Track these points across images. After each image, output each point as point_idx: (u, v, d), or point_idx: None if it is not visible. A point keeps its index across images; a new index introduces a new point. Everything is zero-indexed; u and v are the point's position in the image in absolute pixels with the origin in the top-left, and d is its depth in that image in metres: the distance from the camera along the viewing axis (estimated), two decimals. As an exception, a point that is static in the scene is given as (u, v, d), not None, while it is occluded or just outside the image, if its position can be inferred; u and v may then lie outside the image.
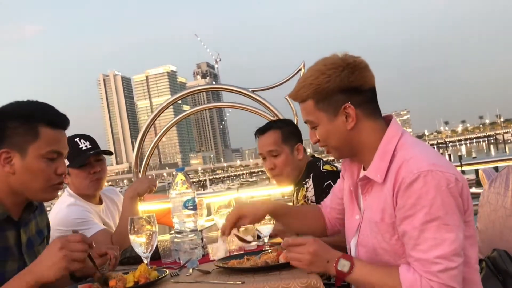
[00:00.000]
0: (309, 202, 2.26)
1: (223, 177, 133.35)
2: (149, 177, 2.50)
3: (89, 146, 2.39)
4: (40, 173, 1.58)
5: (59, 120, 1.65)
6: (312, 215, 1.86)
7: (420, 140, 1.63)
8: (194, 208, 1.94)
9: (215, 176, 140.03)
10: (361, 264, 1.43)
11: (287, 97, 3.43)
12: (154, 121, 3.60)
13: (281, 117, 3.34)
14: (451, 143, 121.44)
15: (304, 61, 3.42)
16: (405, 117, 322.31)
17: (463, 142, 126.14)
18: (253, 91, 3.52)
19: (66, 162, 2.34)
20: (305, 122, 1.58)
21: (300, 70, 3.42)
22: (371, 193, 1.51)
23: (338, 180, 1.84)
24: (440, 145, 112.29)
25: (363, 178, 1.52)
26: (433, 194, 1.32)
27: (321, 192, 2.19)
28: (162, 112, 3.55)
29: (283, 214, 1.78)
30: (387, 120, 1.54)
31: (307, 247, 1.43)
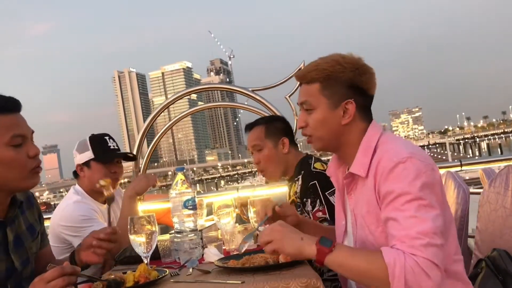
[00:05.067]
0: (297, 198, 2.30)
1: (244, 172, 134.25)
2: (152, 174, 2.56)
3: (116, 147, 2.54)
4: (13, 162, 1.51)
5: (9, 104, 1.55)
6: (332, 231, 1.80)
7: (400, 137, 1.67)
8: (194, 208, 1.94)
9: (237, 172, 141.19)
10: (342, 245, 1.43)
11: (287, 97, 3.45)
12: (153, 122, 3.61)
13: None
14: (478, 138, 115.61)
15: (304, 61, 3.42)
16: (417, 114, 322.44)
17: (490, 137, 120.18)
18: (253, 91, 3.52)
19: (87, 155, 2.43)
20: (301, 103, 1.59)
21: (300, 69, 3.41)
22: (356, 190, 1.55)
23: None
24: (466, 140, 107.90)
25: (347, 176, 1.56)
26: (413, 177, 1.35)
27: (306, 190, 2.23)
28: (159, 115, 3.57)
29: (304, 224, 1.76)
30: None
31: (276, 223, 1.49)
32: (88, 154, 2.45)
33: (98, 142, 2.48)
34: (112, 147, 2.51)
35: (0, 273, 1.53)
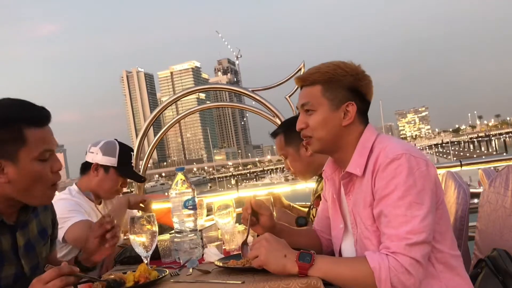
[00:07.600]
0: None
1: (255, 171, 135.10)
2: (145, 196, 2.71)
3: (133, 164, 2.68)
4: (38, 176, 1.48)
5: (42, 117, 1.52)
6: (305, 233, 1.88)
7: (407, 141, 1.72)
8: (194, 208, 1.95)
9: (249, 171, 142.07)
10: (321, 256, 1.46)
11: (287, 97, 3.45)
12: (156, 118, 3.63)
13: (281, 117, 3.35)
14: (493, 137, 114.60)
15: (304, 61, 3.43)
16: (423, 114, 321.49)
17: (506, 136, 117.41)
18: (253, 91, 3.53)
19: (110, 160, 2.49)
20: (302, 105, 1.62)
21: (300, 70, 3.43)
22: (354, 190, 1.58)
23: (321, 203, 1.90)
24: (480, 138, 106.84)
25: (344, 176, 1.59)
26: (406, 174, 1.41)
27: None
28: (161, 113, 3.58)
29: (280, 229, 1.76)
30: None
31: (263, 237, 1.49)
32: (112, 160, 2.50)
33: (125, 155, 2.56)
34: (133, 164, 2.62)
35: (9, 277, 1.52)
